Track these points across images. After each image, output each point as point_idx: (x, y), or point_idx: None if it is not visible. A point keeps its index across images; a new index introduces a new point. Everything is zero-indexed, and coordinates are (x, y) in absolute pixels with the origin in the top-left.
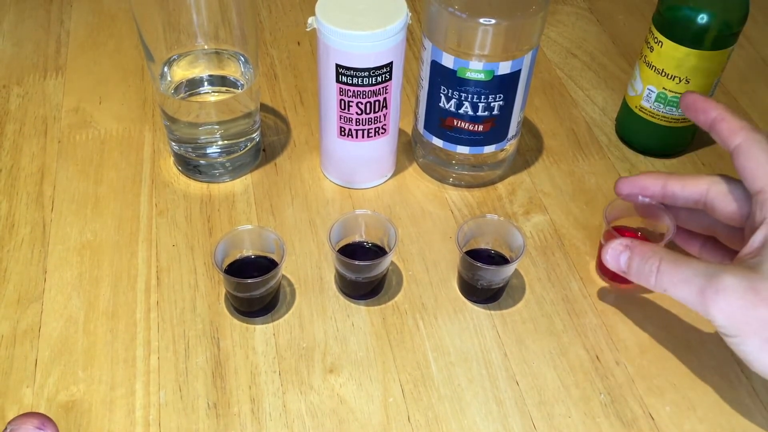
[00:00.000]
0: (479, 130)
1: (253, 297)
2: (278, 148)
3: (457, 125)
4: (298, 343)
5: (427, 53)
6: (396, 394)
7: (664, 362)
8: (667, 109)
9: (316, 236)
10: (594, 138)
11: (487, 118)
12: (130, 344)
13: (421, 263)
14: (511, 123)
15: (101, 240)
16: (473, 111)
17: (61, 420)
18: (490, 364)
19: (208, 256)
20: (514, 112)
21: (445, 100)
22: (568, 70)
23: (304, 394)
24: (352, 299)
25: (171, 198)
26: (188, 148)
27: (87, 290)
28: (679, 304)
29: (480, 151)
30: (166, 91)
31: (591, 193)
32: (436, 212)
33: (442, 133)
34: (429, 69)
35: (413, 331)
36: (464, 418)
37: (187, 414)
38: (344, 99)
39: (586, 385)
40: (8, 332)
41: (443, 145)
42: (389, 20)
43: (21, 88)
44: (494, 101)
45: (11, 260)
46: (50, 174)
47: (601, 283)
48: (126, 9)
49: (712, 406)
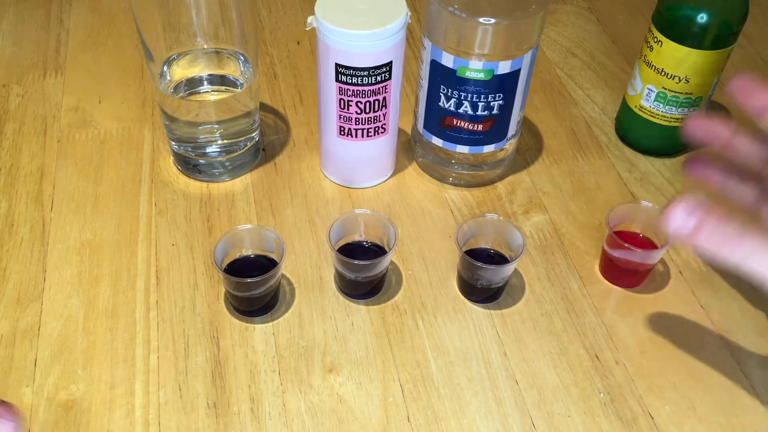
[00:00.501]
0: (479, 130)
1: (253, 296)
2: (278, 147)
3: (457, 125)
4: (298, 343)
5: (427, 53)
6: (395, 393)
7: (664, 362)
8: (667, 109)
9: (316, 236)
10: (594, 137)
11: (487, 117)
12: (130, 343)
13: (421, 263)
14: (510, 122)
15: (101, 239)
16: (473, 110)
17: (61, 419)
18: (489, 363)
19: (207, 255)
20: (514, 112)
21: (444, 99)
22: (568, 69)
23: (303, 393)
24: (351, 299)
25: (171, 197)
26: (188, 147)
27: (87, 289)
28: (679, 304)
29: (479, 151)
30: (166, 91)
31: (591, 192)
32: (436, 212)
33: (442, 132)
34: (429, 68)
35: (413, 331)
36: (464, 418)
37: (187, 413)
38: (344, 98)
39: (585, 385)
40: (8, 331)
41: (443, 144)
42: (389, 20)
43: (21, 87)
44: (494, 101)
45: (11, 259)
46: (50, 173)
47: (601, 282)
48: (126, 8)
49: (712, 406)
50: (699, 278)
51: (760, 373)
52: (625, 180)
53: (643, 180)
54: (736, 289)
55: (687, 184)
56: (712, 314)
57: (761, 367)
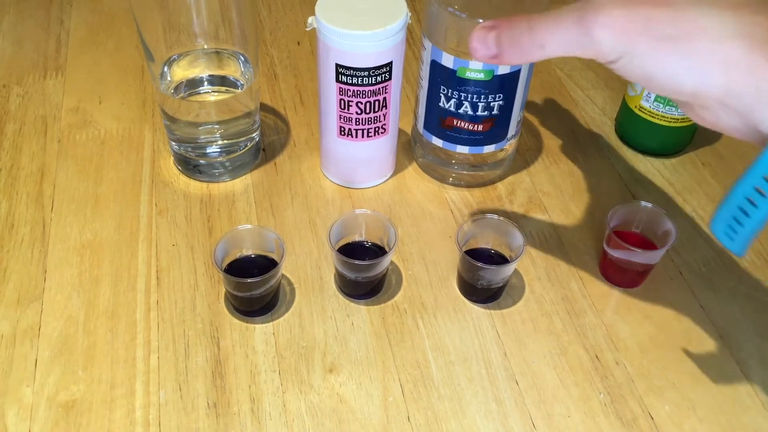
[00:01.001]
0: (479, 130)
1: (253, 296)
2: (278, 147)
3: (457, 125)
4: (298, 343)
5: (427, 53)
6: (396, 393)
7: (664, 362)
8: (667, 109)
9: (316, 236)
10: (594, 138)
11: (487, 117)
12: (130, 344)
13: (421, 263)
14: (510, 123)
15: (101, 240)
16: (473, 111)
17: (61, 419)
18: (489, 363)
19: (208, 255)
20: (514, 112)
21: (444, 99)
22: (568, 69)
23: (303, 393)
24: (351, 299)
25: (171, 198)
26: (188, 147)
27: (87, 290)
28: (679, 304)
29: (480, 151)
30: (166, 91)
31: (591, 192)
32: (436, 212)
33: (442, 132)
34: (429, 69)
35: (413, 331)
36: (464, 418)
37: (187, 413)
38: (344, 99)
39: (585, 385)
40: (8, 332)
41: (443, 144)
42: (389, 20)
43: (21, 87)
44: (494, 101)
45: (11, 260)
46: (50, 174)
47: (601, 283)
48: (126, 9)
49: (712, 406)
50: (699, 278)
51: (760, 373)
52: (625, 180)
53: (643, 180)
54: (736, 289)
55: (687, 185)
56: (712, 314)
57: (761, 367)
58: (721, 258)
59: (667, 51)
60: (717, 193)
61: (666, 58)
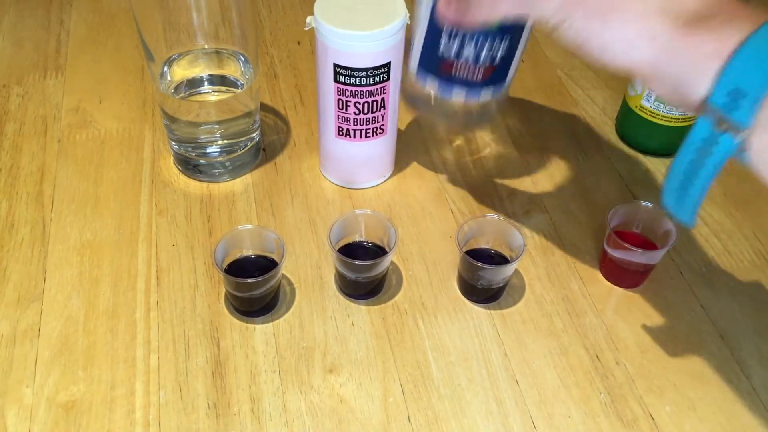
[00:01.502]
0: (478, 78)
1: (253, 297)
2: (278, 147)
3: (456, 70)
4: (298, 343)
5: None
6: (396, 393)
7: (664, 362)
8: (667, 109)
9: (316, 236)
10: (594, 138)
11: (489, 62)
12: (130, 344)
13: (421, 263)
14: (510, 68)
15: (101, 240)
16: (476, 53)
17: (61, 420)
18: (490, 363)
19: (208, 255)
20: (516, 57)
21: (446, 40)
22: (568, 69)
23: (304, 393)
24: (352, 299)
25: (171, 198)
26: (188, 147)
27: (87, 290)
28: (679, 304)
29: (476, 96)
30: (166, 91)
31: (591, 192)
32: (436, 212)
33: (439, 77)
34: (430, 10)
35: (413, 331)
36: (464, 418)
37: (187, 414)
38: (342, 99)
39: (586, 385)
40: (8, 332)
41: (438, 88)
42: (388, 20)
43: (21, 87)
44: (499, 44)
45: (11, 260)
46: (50, 173)
47: (602, 283)
48: (126, 8)
49: (712, 406)
50: (699, 278)
51: (760, 373)
52: (626, 180)
53: (644, 180)
54: (736, 289)
55: None
56: (712, 314)
57: (761, 367)
58: (721, 258)
59: (597, 23)
60: (717, 193)
61: (596, 31)
